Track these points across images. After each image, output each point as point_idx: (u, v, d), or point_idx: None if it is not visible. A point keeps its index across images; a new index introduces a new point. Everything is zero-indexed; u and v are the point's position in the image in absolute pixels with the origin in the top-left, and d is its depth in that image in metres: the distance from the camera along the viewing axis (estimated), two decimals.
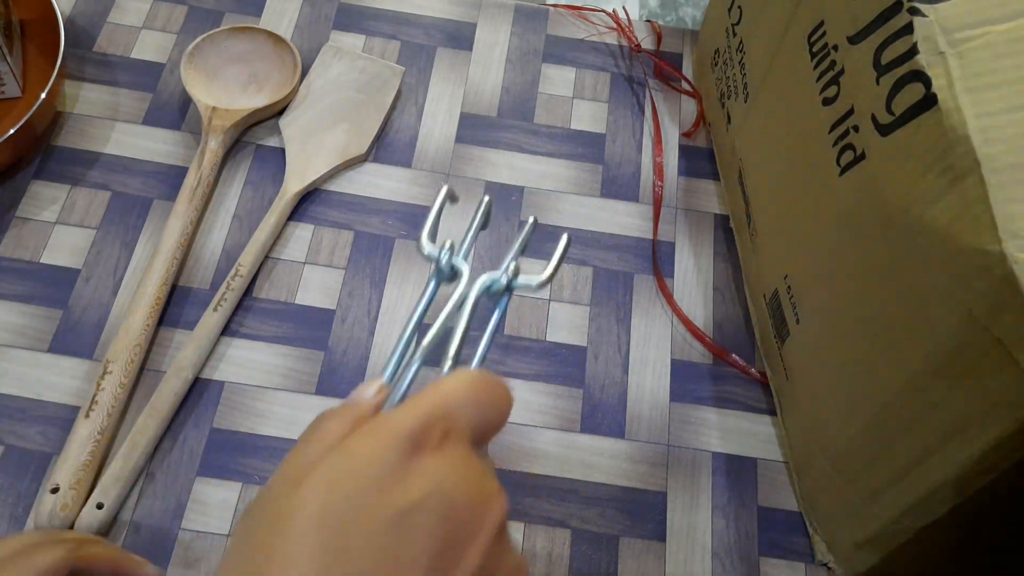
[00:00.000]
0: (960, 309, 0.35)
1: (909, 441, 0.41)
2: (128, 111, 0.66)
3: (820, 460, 0.51)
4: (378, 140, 0.66)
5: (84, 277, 0.59)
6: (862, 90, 0.42)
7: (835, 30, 0.45)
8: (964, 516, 0.41)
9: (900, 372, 0.41)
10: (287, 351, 0.58)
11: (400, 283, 0.61)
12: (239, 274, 0.58)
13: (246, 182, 0.64)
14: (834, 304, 0.48)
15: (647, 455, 0.57)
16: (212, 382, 0.56)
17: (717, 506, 0.55)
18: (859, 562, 0.49)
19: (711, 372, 0.60)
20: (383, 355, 0.58)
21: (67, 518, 0.50)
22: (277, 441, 0.55)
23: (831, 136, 0.45)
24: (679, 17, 0.82)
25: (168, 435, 0.55)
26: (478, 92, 0.69)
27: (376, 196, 0.64)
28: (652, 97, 0.70)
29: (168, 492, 0.53)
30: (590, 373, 0.59)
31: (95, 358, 0.56)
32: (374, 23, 0.72)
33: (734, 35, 0.61)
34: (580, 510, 0.55)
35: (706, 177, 0.67)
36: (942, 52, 0.36)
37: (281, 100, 0.65)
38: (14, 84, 0.63)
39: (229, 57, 0.67)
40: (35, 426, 0.54)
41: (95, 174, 0.63)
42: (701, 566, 0.54)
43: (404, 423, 0.25)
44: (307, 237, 0.62)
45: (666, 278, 0.63)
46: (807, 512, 0.55)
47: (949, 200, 0.35)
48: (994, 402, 0.35)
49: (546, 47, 0.72)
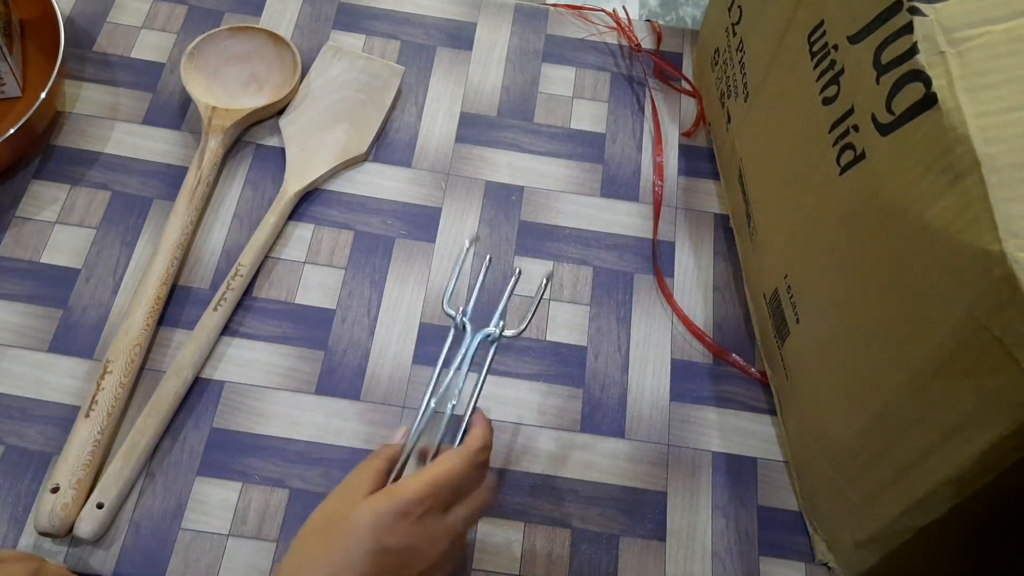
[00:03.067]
0: (960, 309, 0.35)
1: (909, 441, 0.41)
2: (128, 111, 0.66)
3: (820, 460, 0.51)
4: (378, 140, 0.66)
5: (84, 277, 0.59)
6: (862, 90, 0.42)
7: (835, 30, 0.44)
8: (964, 516, 0.41)
9: (900, 372, 0.41)
10: (287, 351, 0.58)
11: (400, 283, 0.61)
12: (239, 274, 0.58)
13: (246, 182, 0.64)
14: (834, 303, 0.48)
15: (647, 455, 0.57)
16: (212, 382, 0.56)
17: (717, 506, 0.55)
18: (859, 562, 0.49)
19: (711, 372, 0.60)
20: (383, 355, 0.58)
21: (67, 518, 0.50)
22: (277, 441, 0.55)
23: (831, 136, 0.45)
24: (679, 17, 0.82)
25: (168, 435, 0.55)
26: (478, 92, 0.69)
27: (376, 196, 0.64)
28: (652, 97, 0.70)
29: (168, 492, 0.53)
30: (590, 373, 0.59)
31: (95, 358, 0.56)
32: (374, 23, 0.72)
33: (734, 35, 0.61)
34: (580, 510, 0.55)
35: (706, 177, 0.67)
36: (942, 52, 0.36)
37: (281, 100, 0.65)
38: (14, 84, 0.63)
39: (229, 57, 0.67)
40: (35, 426, 0.54)
41: (95, 174, 0.63)
42: (701, 566, 0.54)
43: (403, 503, 0.41)
44: (307, 237, 0.62)
45: (666, 278, 0.63)
46: (807, 512, 0.55)
47: (949, 200, 0.35)
48: (994, 402, 0.35)
49: (546, 47, 0.72)
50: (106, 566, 0.51)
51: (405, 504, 0.40)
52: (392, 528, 0.40)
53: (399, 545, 0.40)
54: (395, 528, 0.40)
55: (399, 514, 0.40)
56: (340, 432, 0.56)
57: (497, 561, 0.53)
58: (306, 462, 0.55)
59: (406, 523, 0.40)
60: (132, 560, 0.51)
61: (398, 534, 0.40)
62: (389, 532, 0.40)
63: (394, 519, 0.40)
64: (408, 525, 0.40)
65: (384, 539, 0.40)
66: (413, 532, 0.40)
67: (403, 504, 0.40)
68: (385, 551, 0.40)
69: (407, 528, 0.40)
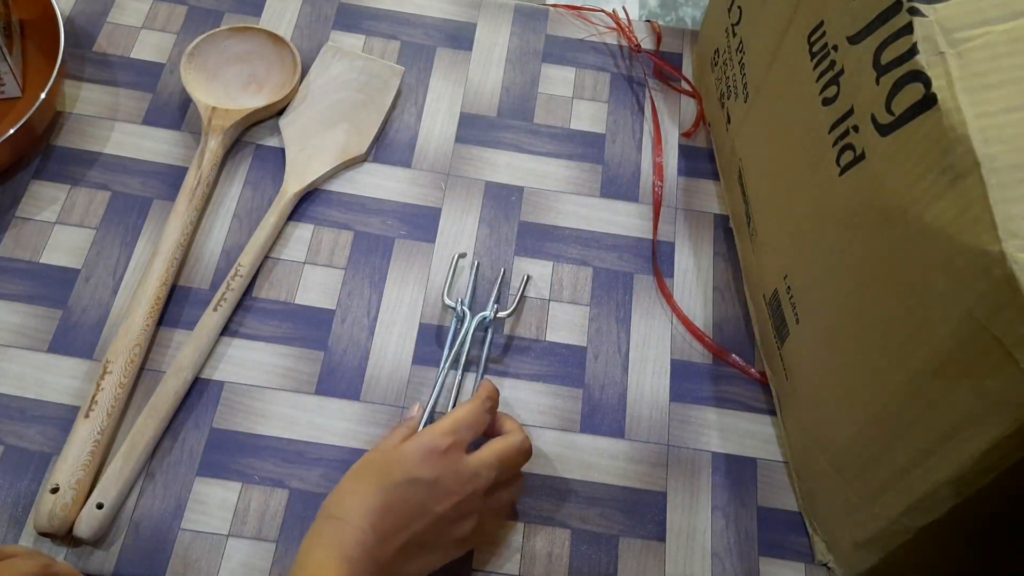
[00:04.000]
0: (960, 309, 0.35)
1: (909, 441, 0.41)
2: (128, 111, 0.66)
3: (820, 460, 0.51)
4: (378, 140, 0.66)
5: (84, 277, 0.59)
6: (862, 90, 0.42)
7: (835, 30, 0.45)
8: (964, 516, 0.41)
9: (900, 372, 0.41)
10: (287, 351, 0.58)
11: (400, 283, 0.61)
12: (239, 274, 0.58)
13: (246, 182, 0.64)
14: (834, 304, 0.48)
15: (647, 455, 0.57)
16: (212, 382, 0.56)
17: (717, 506, 0.55)
18: (859, 562, 0.49)
19: (711, 372, 0.60)
20: (383, 355, 0.58)
21: (67, 518, 0.50)
22: (277, 441, 0.55)
23: (831, 136, 0.45)
24: (679, 17, 0.82)
25: (168, 435, 0.55)
26: (478, 92, 0.69)
27: (376, 196, 0.64)
28: (652, 97, 0.70)
29: (168, 492, 0.53)
30: (590, 373, 0.59)
31: (95, 358, 0.56)
32: (374, 23, 0.72)
33: (734, 35, 0.61)
34: (580, 510, 0.55)
35: (706, 177, 0.67)
36: (942, 52, 0.36)
37: (281, 100, 0.65)
38: (14, 84, 0.63)
39: (229, 57, 0.67)
40: (35, 426, 0.54)
41: (95, 174, 0.63)
42: (701, 566, 0.54)
43: (429, 439, 0.47)
44: (307, 237, 0.62)
45: (666, 278, 0.63)
46: (807, 512, 0.55)
47: (949, 200, 0.35)
48: (994, 402, 0.35)
49: (546, 47, 0.72)
50: (106, 566, 0.51)
51: (431, 439, 0.47)
52: (422, 461, 0.46)
53: (428, 476, 0.46)
54: (424, 461, 0.46)
55: (427, 448, 0.47)
56: (340, 432, 0.56)
57: (497, 561, 0.53)
58: (306, 462, 0.55)
59: (433, 456, 0.46)
60: (132, 560, 0.51)
61: (426, 467, 0.46)
62: (419, 464, 0.46)
63: (424, 453, 0.46)
64: (435, 458, 0.46)
65: (413, 470, 0.46)
66: (440, 464, 0.46)
67: (429, 440, 0.47)
68: (415, 481, 0.46)
69: (434, 460, 0.46)
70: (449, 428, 0.48)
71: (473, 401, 0.51)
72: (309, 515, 0.42)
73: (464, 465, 0.47)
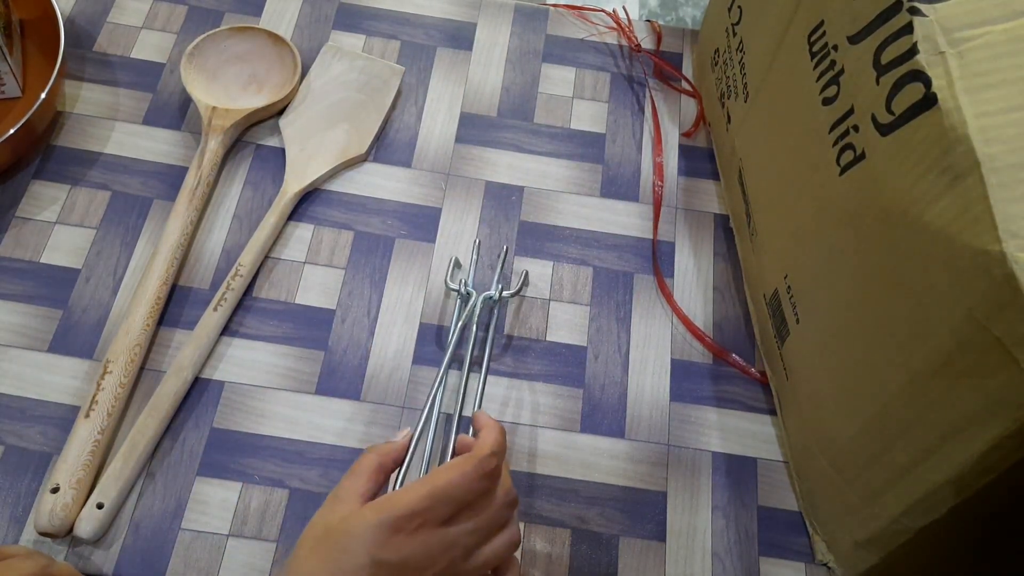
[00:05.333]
0: (960, 309, 0.35)
1: (909, 441, 0.41)
2: (128, 111, 0.66)
3: (820, 460, 0.51)
4: (378, 140, 0.66)
5: (84, 277, 0.59)
6: (862, 90, 0.42)
7: (835, 30, 0.45)
8: (964, 517, 0.41)
9: (900, 372, 0.41)
10: (287, 351, 0.58)
11: (400, 283, 0.61)
12: (239, 274, 0.58)
13: (246, 182, 0.64)
14: (834, 304, 0.48)
15: (647, 455, 0.57)
16: (212, 382, 0.56)
17: (717, 506, 0.55)
18: (859, 562, 0.49)
19: (711, 372, 0.60)
20: (383, 355, 0.58)
21: (67, 518, 0.50)
22: (277, 441, 0.55)
23: (831, 136, 0.45)
24: (679, 17, 0.82)
25: (168, 435, 0.55)
26: (478, 92, 0.69)
27: (376, 196, 0.64)
28: (652, 97, 0.70)
29: (168, 492, 0.53)
30: (590, 373, 0.59)
31: (95, 358, 0.56)
32: (374, 23, 0.72)
33: (734, 35, 0.61)
34: (580, 510, 0.55)
35: (706, 177, 0.67)
36: (942, 52, 0.36)
37: (281, 100, 0.65)
38: (14, 84, 0.63)
39: (229, 57, 0.67)
40: (35, 426, 0.54)
41: (95, 174, 0.63)
42: (701, 566, 0.54)
43: (395, 517, 0.40)
44: (307, 237, 0.62)
45: (666, 278, 0.63)
46: (807, 512, 0.55)
47: (949, 200, 0.35)
48: (994, 402, 0.35)
49: (546, 47, 0.72)
50: (106, 566, 0.51)
51: (397, 519, 0.40)
52: (386, 542, 0.39)
53: (394, 559, 0.39)
54: (389, 542, 0.39)
55: (392, 528, 0.40)
56: (340, 432, 0.56)
57: None
58: (306, 462, 0.55)
59: (400, 537, 0.40)
60: (132, 560, 0.51)
61: (391, 548, 0.39)
62: (383, 546, 0.39)
63: (388, 532, 0.39)
64: (402, 539, 0.40)
65: (378, 553, 0.39)
66: (407, 545, 0.40)
67: (395, 518, 0.40)
68: (379, 564, 0.39)
69: (401, 541, 0.40)
70: (424, 504, 0.40)
71: (467, 460, 0.42)
72: (309, 515, 0.42)
73: (437, 542, 0.41)
